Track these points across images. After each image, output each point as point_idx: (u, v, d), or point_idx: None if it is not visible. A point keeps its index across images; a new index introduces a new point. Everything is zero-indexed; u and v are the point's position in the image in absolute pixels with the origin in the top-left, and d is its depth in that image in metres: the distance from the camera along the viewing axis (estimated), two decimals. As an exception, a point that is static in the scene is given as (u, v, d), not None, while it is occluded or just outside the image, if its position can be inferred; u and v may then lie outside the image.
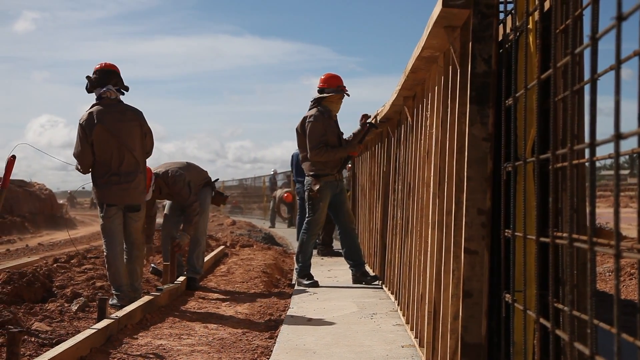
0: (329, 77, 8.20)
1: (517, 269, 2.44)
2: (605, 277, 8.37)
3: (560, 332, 1.81)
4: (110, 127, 6.33)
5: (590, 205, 1.67)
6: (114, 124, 6.36)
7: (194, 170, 8.03)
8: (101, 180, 6.36)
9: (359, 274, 8.03)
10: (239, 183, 43.38)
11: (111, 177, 6.34)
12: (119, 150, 6.36)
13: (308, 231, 8.12)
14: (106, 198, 6.36)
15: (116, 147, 6.35)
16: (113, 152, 6.35)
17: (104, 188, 6.35)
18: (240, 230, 18.34)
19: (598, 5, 1.59)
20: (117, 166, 6.35)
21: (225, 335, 5.40)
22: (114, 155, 6.35)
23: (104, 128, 6.31)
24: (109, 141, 6.33)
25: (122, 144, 6.36)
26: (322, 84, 8.17)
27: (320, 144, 7.93)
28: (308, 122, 8.01)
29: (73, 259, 8.85)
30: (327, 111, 8.07)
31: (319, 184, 7.97)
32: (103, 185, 6.35)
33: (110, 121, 6.35)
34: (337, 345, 4.86)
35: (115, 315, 5.34)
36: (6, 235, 19.09)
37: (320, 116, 7.99)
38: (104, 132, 6.31)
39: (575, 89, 1.74)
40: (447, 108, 3.92)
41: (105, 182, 6.34)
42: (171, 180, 7.72)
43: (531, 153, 2.62)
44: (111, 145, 6.34)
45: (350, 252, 8.14)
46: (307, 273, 8.08)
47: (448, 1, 3.25)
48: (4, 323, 4.97)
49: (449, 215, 3.69)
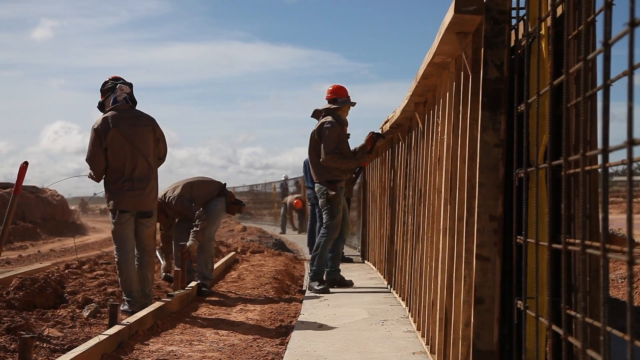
0: (338, 87, 8.44)
1: (529, 276, 2.43)
2: (617, 284, 8.33)
3: (573, 339, 1.80)
4: (124, 132, 6.34)
5: (603, 211, 1.66)
6: (128, 128, 6.38)
7: (197, 186, 8.11)
8: (114, 186, 6.37)
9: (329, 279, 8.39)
10: (249, 189, 43.40)
11: (124, 183, 6.35)
12: (132, 156, 6.37)
13: (327, 235, 8.24)
14: (119, 204, 6.37)
15: (130, 152, 6.36)
16: (127, 157, 6.36)
17: (116, 194, 6.36)
18: (251, 236, 18.34)
19: (611, 11, 1.59)
20: (130, 172, 6.36)
21: (236, 342, 5.40)
22: (128, 161, 6.36)
23: (119, 132, 6.32)
24: (123, 146, 6.34)
25: (135, 149, 6.37)
26: (333, 94, 8.39)
27: (335, 150, 8.11)
28: (326, 127, 8.16)
29: (84, 265, 8.88)
30: (341, 120, 8.31)
31: (336, 189, 8.16)
32: (116, 191, 6.36)
33: (124, 126, 6.37)
34: (348, 351, 4.85)
35: (127, 321, 5.35)
36: (18, 241, 19.15)
37: (336, 124, 8.18)
38: (118, 137, 6.32)
39: (587, 95, 1.73)
40: (458, 114, 3.91)
41: (118, 188, 6.35)
42: (169, 203, 7.95)
43: (543, 159, 2.61)
44: (125, 151, 6.35)
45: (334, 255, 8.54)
46: (320, 278, 8.17)
47: (460, 7, 3.24)
48: (16, 329, 4.99)
49: (460, 222, 3.69)
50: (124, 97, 6.48)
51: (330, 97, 8.41)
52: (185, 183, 8.11)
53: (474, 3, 3.22)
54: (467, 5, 3.23)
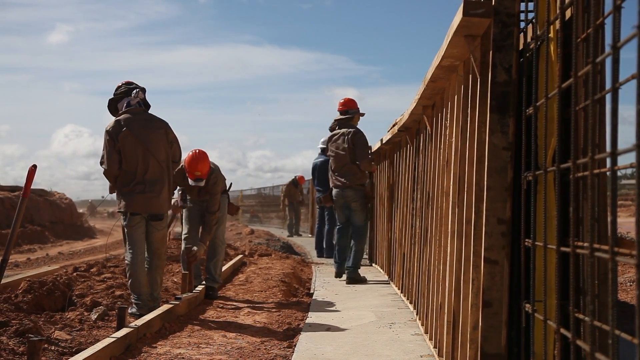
0: (348, 100, 9.57)
1: (537, 279, 2.42)
2: (626, 287, 8.30)
3: (581, 343, 1.80)
4: (136, 134, 6.36)
5: (612, 214, 1.66)
6: (141, 130, 6.40)
7: (220, 174, 8.02)
8: (126, 188, 6.39)
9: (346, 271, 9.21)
10: (257, 192, 43.40)
11: (136, 185, 6.36)
12: (144, 158, 6.39)
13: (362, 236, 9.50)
14: (130, 206, 6.38)
15: (142, 154, 6.38)
16: (139, 159, 6.37)
17: (128, 197, 6.37)
18: (259, 239, 18.35)
19: (620, 14, 1.59)
20: (142, 174, 6.37)
21: (244, 345, 5.40)
22: (140, 163, 6.37)
23: (131, 134, 6.34)
24: (136, 148, 6.36)
25: (147, 151, 6.38)
26: (345, 106, 9.52)
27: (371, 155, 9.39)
28: (359, 136, 9.25)
29: (93, 268, 8.90)
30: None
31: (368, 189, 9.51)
32: (128, 194, 6.38)
33: (137, 128, 6.39)
34: (356, 354, 4.85)
35: (135, 324, 5.36)
36: (27, 244, 19.22)
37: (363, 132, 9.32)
38: (130, 139, 6.34)
39: (596, 98, 1.73)
40: (467, 117, 3.91)
41: (129, 190, 6.37)
42: (212, 180, 7.75)
43: (552, 162, 2.61)
44: (137, 153, 6.37)
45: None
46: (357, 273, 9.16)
47: (469, 10, 3.24)
48: (25, 332, 5.01)
49: (468, 225, 3.68)
50: (137, 101, 6.51)
51: (342, 109, 9.52)
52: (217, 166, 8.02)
53: (483, 6, 3.21)
54: (476, 8, 3.23)
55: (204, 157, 7.53)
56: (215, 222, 7.68)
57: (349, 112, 9.43)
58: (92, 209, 52.23)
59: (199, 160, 7.48)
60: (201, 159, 7.49)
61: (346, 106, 9.50)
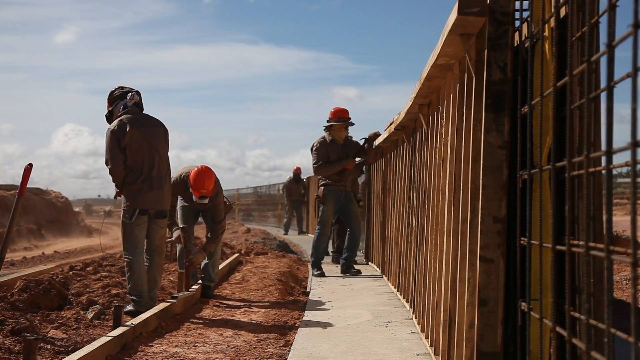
0: (336, 110, 10.02)
1: (533, 277, 2.42)
2: (621, 286, 8.31)
3: (577, 341, 1.80)
4: (142, 130, 6.41)
5: (607, 213, 1.66)
6: (145, 127, 6.46)
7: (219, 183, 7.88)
8: (133, 186, 6.40)
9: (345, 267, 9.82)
10: (253, 191, 43.39)
11: (143, 182, 6.39)
12: (149, 154, 6.44)
13: (319, 230, 9.99)
14: (139, 204, 6.40)
15: (147, 150, 6.43)
16: (144, 156, 6.41)
17: (137, 195, 6.38)
18: (255, 238, 18.35)
19: (614, 12, 1.59)
20: (148, 171, 6.41)
21: (240, 343, 5.40)
22: (145, 160, 6.42)
23: (137, 131, 6.39)
24: (141, 145, 6.40)
25: (152, 147, 6.45)
26: (330, 115, 10.01)
27: (318, 161, 9.81)
28: (313, 146, 9.97)
29: (89, 267, 8.89)
30: (332, 137, 9.88)
31: (322, 192, 9.90)
32: (136, 192, 6.38)
33: (140, 125, 6.44)
34: (352, 353, 4.85)
35: (131, 323, 5.35)
36: (23, 242, 19.19)
37: (323, 142, 9.89)
38: (137, 136, 6.38)
39: (591, 96, 1.73)
40: (462, 116, 3.91)
41: (137, 188, 6.38)
42: (214, 191, 7.66)
43: (547, 161, 2.61)
44: (143, 149, 6.41)
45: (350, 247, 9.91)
46: (318, 265, 9.85)
47: (464, 9, 3.24)
48: (21, 330, 5.00)
49: (464, 223, 3.68)
50: (134, 103, 6.56)
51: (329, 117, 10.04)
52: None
53: (478, 5, 3.21)
54: (471, 7, 3.23)
55: (210, 175, 7.46)
56: (222, 231, 7.71)
57: (328, 121, 9.99)
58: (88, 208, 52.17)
59: (206, 178, 7.40)
60: (207, 176, 7.42)
61: (331, 115, 10.01)
